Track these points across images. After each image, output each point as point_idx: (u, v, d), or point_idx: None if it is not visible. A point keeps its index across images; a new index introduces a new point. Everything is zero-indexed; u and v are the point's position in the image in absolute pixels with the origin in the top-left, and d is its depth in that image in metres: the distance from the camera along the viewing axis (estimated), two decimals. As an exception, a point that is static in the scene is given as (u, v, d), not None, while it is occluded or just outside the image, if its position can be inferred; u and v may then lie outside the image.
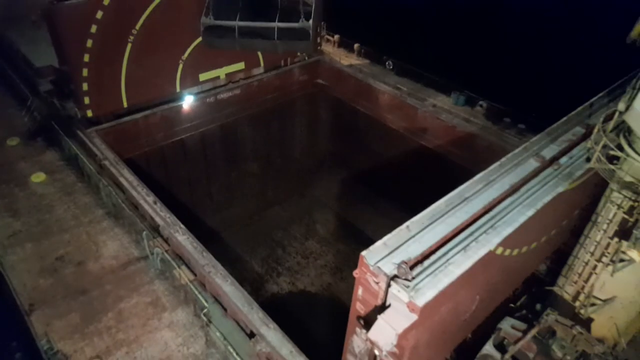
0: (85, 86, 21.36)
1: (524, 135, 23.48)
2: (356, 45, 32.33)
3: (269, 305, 26.63)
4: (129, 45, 21.73)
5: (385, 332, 8.49)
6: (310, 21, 20.10)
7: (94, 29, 20.43)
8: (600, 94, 15.08)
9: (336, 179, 35.06)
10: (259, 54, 26.63)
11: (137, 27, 21.57)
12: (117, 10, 20.54)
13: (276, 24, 20.43)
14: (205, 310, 14.50)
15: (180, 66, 24.18)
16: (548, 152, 12.90)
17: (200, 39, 22.77)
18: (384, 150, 30.00)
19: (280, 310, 27.64)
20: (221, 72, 26.17)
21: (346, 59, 31.33)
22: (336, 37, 33.25)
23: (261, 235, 32.68)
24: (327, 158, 34.82)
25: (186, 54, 24.03)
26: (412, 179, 27.42)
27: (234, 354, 13.41)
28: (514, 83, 38.85)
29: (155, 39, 22.32)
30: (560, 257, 15.31)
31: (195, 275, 15.73)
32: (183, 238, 16.26)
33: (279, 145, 32.05)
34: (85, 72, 21.09)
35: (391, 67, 30.68)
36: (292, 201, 35.45)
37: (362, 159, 31.71)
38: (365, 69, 30.27)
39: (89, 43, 20.60)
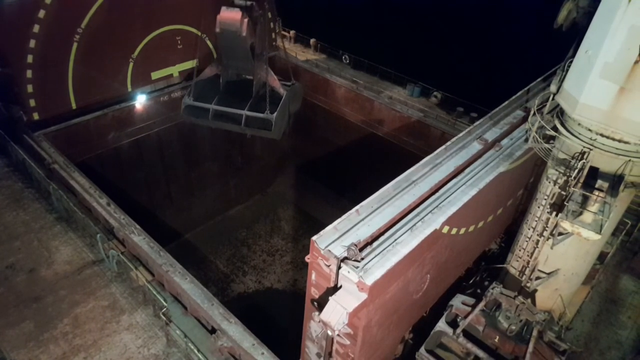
0: (30, 88, 20.60)
1: (475, 123, 24.40)
2: (312, 41, 32.59)
3: (235, 305, 26.71)
4: (75, 45, 21.09)
5: (337, 312, 8.71)
6: (275, 114, 22.82)
7: (36, 28, 19.74)
8: (538, 79, 15.90)
9: (299, 174, 35.25)
10: (213, 49, 26.44)
11: (83, 25, 20.97)
12: (60, 8, 19.92)
13: (244, 112, 23.01)
14: (164, 310, 14.35)
15: (131, 65, 23.69)
16: (490, 135, 13.53)
17: (151, 36, 22.53)
18: (344, 143, 30.42)
19: (247, 308, 27.66)
20: (174, 70, 25.83)
21: (302, 55, 31.52)
22: (292, 32, 33.39)
23: (225, 235, 32.46)
24: (289, 154, 34.94)
25: (136, 52, 23.57)
26: (373, 170, 27.93)
27: (195, 351, 13.36)
28: (467, 73, 40.16)
29: (102, 37, 21.78)
30: (510, 236, 16.05)
31: (153, 275, 15.56)
32: (139, 238, 16.01)
33: (238, 144, 31.87)
34: (29, 73, 20.34)
35: (347, 61, 31.09)
36: (255, 199, 35.37)
37: (323, 153, 32.01)
38: (321, 64, 30.56)
39: (32, 43, 19.90)
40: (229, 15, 20.93)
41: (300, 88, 25.90)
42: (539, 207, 12.13)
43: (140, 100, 24.81)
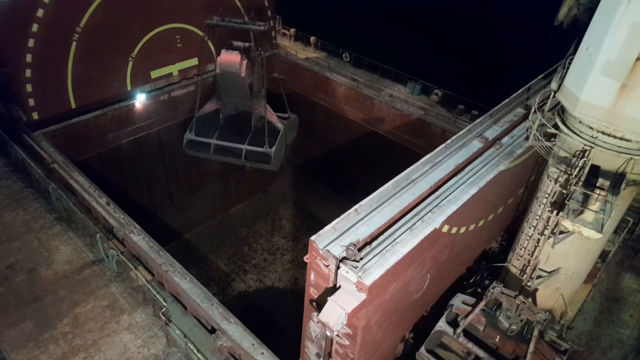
0: (29, 88, 20.55)
1: (476, 121, 24.30)
2: (312, 39, 32.48)
3: (236, 304, 26.66)
4: (74, 44, 21.03)
5: (335, 312, 8.65)
6: (273, 148, 23.99)
7: (35, 27, 19.68)
8: (539, 77, 15.79)
9: (299, 173, 35.17)
10: (212, 48, 26.41)
11: (82, 24, 20.90)
12: (59, 7, 19.86)
13: (244, 147, 24.14)
14: (164, 310, 14.32)
15: (130, 64, 23.63)
16: (491, 133, 13.43)
17: (150, 34, 22.50)
18: (344, 141, 30.33)
19: (248, 308, 27.63)
20: (174, 69, 25.76)
21: (303, 53, 31.41)
22: (292, 30, 33.27)
23: (226, 234, 32.41)
24: (289, 153, 34.82)
25: (136, 51, 23.50)
26: (373, 168, 27.88)
27: (195, 351, 13.33)
28: (467, 71, 40.01)
29: (101, 36, 21.72)
30: (511, 235, 15.98)
31: (153, 275, 15.53)
32: (139, 238, 15.97)
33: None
34: (28, 73, 20.29)
35: (347, 59, 30.98)
36: (256, 198, 35.32)
37: (323, 152, 31.93)
38: (321, 62, 30.46)
39: (31, 43, 19.84)
40: (229, 58, 21.93)
41: (296, 120, 26.81)
42: (539, 206, 12.04)
43: (140, 100, 24.77)
